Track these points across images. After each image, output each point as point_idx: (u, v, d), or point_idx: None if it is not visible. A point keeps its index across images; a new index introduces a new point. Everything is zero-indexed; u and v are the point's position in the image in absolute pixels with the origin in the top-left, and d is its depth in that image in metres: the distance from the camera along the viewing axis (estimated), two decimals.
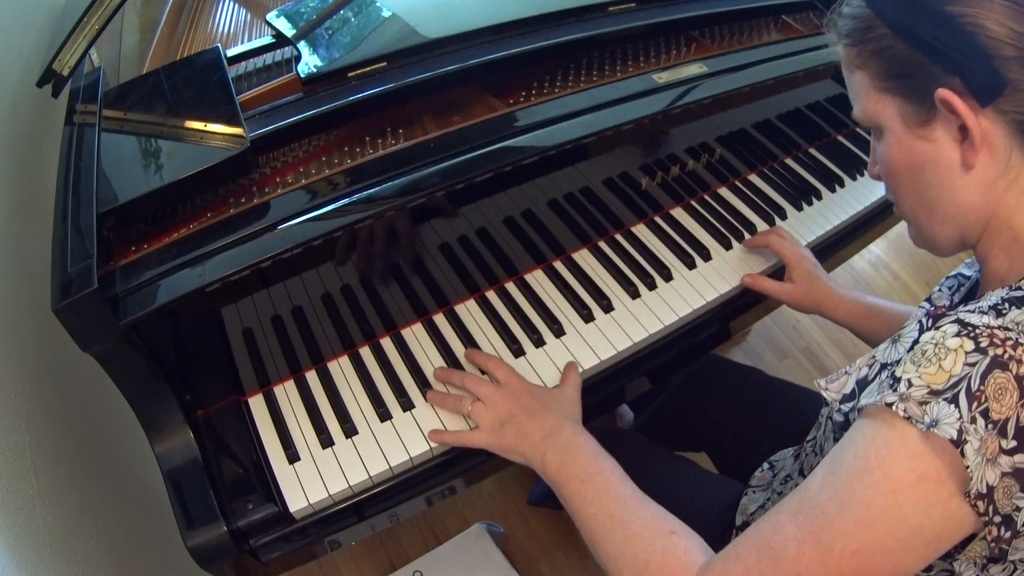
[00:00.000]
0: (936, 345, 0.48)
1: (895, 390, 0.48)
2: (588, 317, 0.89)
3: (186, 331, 0.73)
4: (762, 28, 1.11)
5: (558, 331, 0.87)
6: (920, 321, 0.57)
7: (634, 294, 0.92)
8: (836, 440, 0.61)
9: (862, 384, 0.55)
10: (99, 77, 0.89)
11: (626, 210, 0.99)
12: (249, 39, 0.99)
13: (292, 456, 0.75)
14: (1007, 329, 0.46)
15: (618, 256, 0.97)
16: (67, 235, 0.68)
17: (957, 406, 0.45)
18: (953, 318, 0.48)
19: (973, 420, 0.45)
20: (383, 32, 0.90)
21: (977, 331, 0.47)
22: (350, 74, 0.83)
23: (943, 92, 0.50)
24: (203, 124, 0.76)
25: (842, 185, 1.13)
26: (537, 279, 0.93)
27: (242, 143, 0.72)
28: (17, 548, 0.72)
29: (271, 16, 0.93)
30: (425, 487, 0.78)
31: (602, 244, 0.98)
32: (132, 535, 1.06)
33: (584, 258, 0.96)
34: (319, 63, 0.85)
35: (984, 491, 0.45)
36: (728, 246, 0.99)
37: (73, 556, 0.84)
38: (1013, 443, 0.44)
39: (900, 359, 0.51)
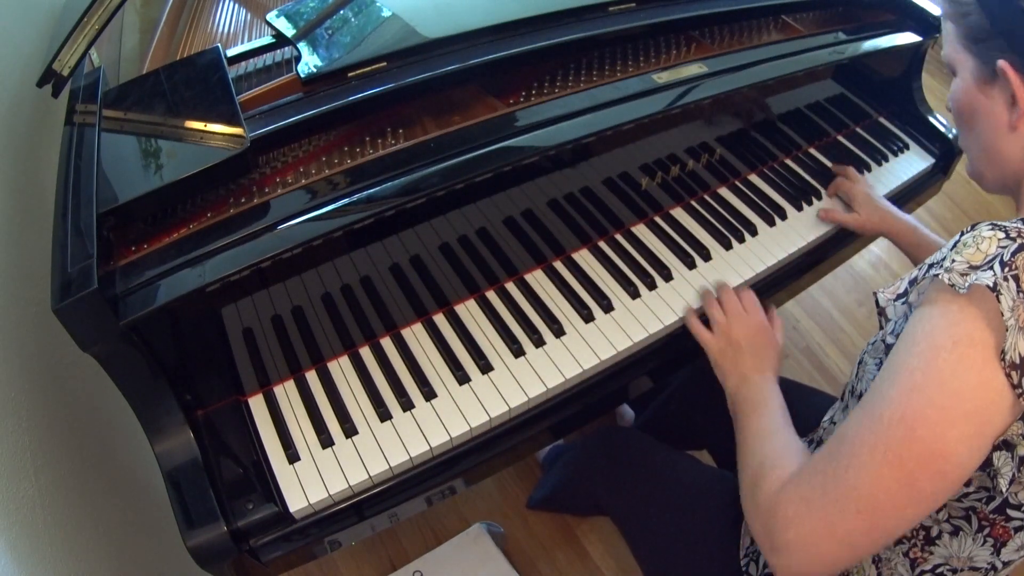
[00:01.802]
0: (974, 237, 0.56)
1: (942, 266, 0.55)
2: (588, 317, 0.89)
3: (186, 331, 0.73)
4: (762, 28, 1.11)
5: (558, 331, 0.87)
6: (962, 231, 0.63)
7: (634, 294, 0.92)
8: (877, 366, 0.68)
9: (913, 283, 0.61)
10: (99, 77, 0.89)
11: (626, 210, 0.99)
12: (249, 39, 0.99)
13: (292, 456, 0.75)
14: None
15: (618, 256, 0.97)
16: (67, 235, 0.68)
17: (992, 271, 0.52)
18: (989, 223, 0.56)
19: (1006, 279, 0.51)
20: (383, 32, 0.90)
21: (1007, 228, 0.55)
22: (350, 74, 0.83)
23: (1003, 63, 0.59)
24: (203, 124, 0.75)
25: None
26: (537, 279, 0.93)
27: (242, 143, 0.72)
28: (17, 548, 0.72)
29: (271, 16, 0.93)
30: (425, 487, 0.79)
31: (602, 244, 0.98)
32: (132, 535, 1.05)
33: (584, 258, 0.96)
34: (319, 63, 0.85)
35: (1018, 361, 0.50)
36: (728, 246, 0.99)
37: (73, 556, 0.84)
38: None
39: (944, 256, 0.58)
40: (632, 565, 0.97)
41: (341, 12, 0.94)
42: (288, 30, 0.91)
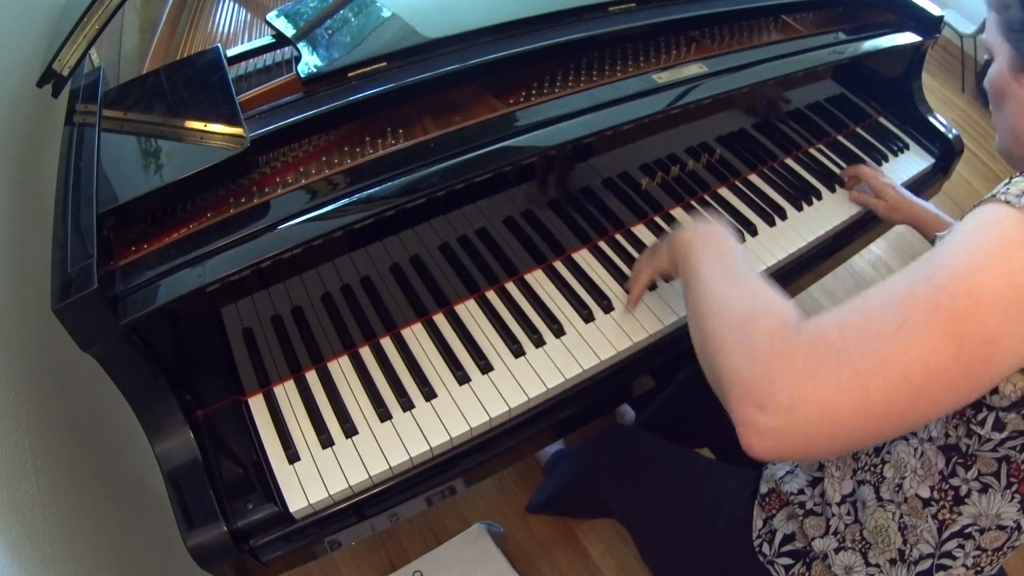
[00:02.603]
0: (1020, 178, 0.54)
1: (995, 192, 0.54)
2: (588, 317, 0.89)
3: (186, 331, 0.73)
4: (762, 28, 1.11)
5: (558, 331, 0.87)
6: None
7: None
8: None
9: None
10: (99, 77, 0.89)
11: (626, 210, 0.99)
12: (249, 39, 0.99)
13: (292, 456, 0.75)
14: None
15: (618, 256, 0.97)
16: (67, 235, 0.68)
17: None
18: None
19: None
20: (383, 32, 0.90)
21: None
22: (350, 74, 0.83)
23: None
24: (203, 124, 0.75)
25: (842, 185, 1.13)
26: (537, 279, 0.93)
27: (242, 143, 0.72)
28: (17, 548, 0.72)
29: (271, 16, 0.93)
30: (425, 487, 0.79)
31: (602, 244, 0.98)
32: (132, 535, 1.05)
33: (584, 258, 0.96)
34: (319, 63, 0.85)
35: None
36: None
37: (73, 556, 0.84)
38: None
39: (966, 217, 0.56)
40: (632, 565, 0.97)
41: (341, 12, 0.94)
42: (288, 30, 0.91)
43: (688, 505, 0.90)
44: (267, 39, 0.93)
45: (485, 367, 0.83)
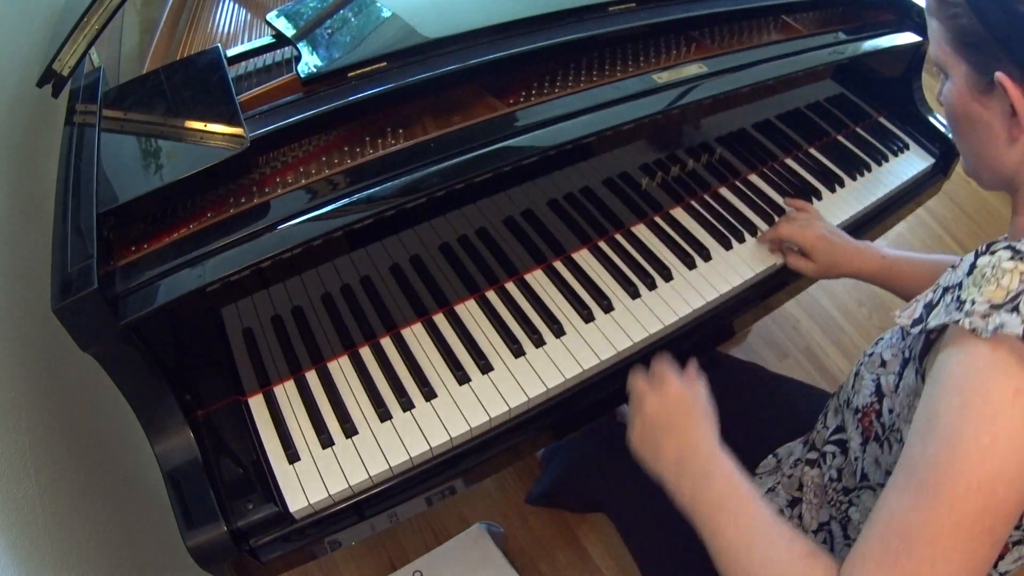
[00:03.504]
0: (993, 268, 0.52)
1: (960, 309, 0.52)
2: (588, 317, 0.89)
3: (186, 331, 0.73)
4: (762, 28, 1.11)
5: (558, 331, 0.87)
6: (975, 251, 0.59)
7: (634, 294, 0.92)
8: (875, 384, 0.68)
9: (929, 307, 0.58)
10: (99, 77, 0.89)
11: (626, 210, 0.99)
12: (249, 39, 0.99)
13: (292, 456, 0.75)
14: None
15: (618, 256, 0.97)
16: (67, 235, 0.68)
17: (1018, 313, 0.49)
18: (1005, 245, 0.53)
19: None
20: (383, 32, 0.90)
21: None
22: (350, 74, 0.83)
23: (1001, 76, 0.55)
24: (203, 124, 0.76)
25: (842, 185, 1.13)
26: (537, 279, 0.93)
27: (242, 143, 0.72)
28: (17, 548, 0.72)
29: (271, 16, 0.93)
30: (425, 487, 0.78)
31: (602, 244, 0.98)
32: (132, 535, 1.05)
33: (584, 258, 0.96)
34: (319, 63, 0.85)
35: None
36: (728, 246, 0.99)
37: (73, 556, 0.84)
38: None
39: (961, 282, 0.55)
40: (632, 565, 0.97)
41: (341, 12, 0.94)
42: (288, 30, 0.91)
43: (675, 511, 0.90)
44: (267, 39, 0.93)
45: (485, 367, 0.83)
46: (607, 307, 0.90)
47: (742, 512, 0.61)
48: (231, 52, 0.90)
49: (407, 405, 0.80)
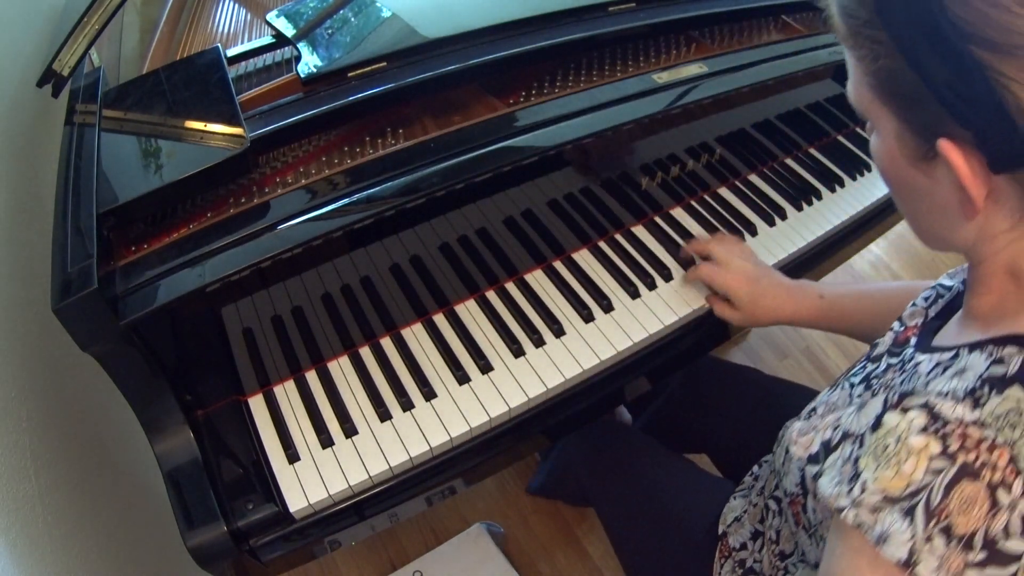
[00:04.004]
0: (899, 440, 0.42)
1: (850, 491, 0.44)
2: (588, 317, 0.89)
3: (186, 331, 0.73)
4: (762, 28, 1.11)
5: (558, 331, 0.87)
6: (884, 398, 0.48)
7: (634, 294, 0.92)
8: (800, 474, 0.61)
9: (827, 447, 0.51)
10: (99, 77, 0.89)
11: (626, 210, 0.99)
12: (249, 39, 0.99)
13: (292, 456, 0.75)
14: (983, 426, 0.40)
15: (618, 256, 0.97)
16: (67, 235, 0.68)
17: (912, 522, 0.40)
18: (922, 401, 0.42)
19: (929, 539, 0.39)
20: (383, 32, 0.90)
21: (947, 429, 0.40)
22: (350, 74, 0.83)
23: (946, 145, 0.42)
24: (203, 124, 0.76)
25: (842, 185, 1.13)
26: (537, 279, 0.93)
27: (242, 143, 0.72)
28: (17, 548, 0.72)
29: (271, 16, 0.93)
30: (425, 487, 0.79)
31: (602, 244, 0.98)
32: (132, 535, 1.05)
33: (584, 258, 0.96)
34: (319, 63, 0.85)
35: None
36: None
37: (73, 556, 0.84)
38: (982, 555, 0.39)
39: (863, 433, 0.46)
40: None
41: (341, 12, 0.94)
42: (288, 30, 0.91)
43: (659, 506, 0.90)
44: (267, 39, 0.93)
45: (485, 367, 0.83)
46: (607, 307, 0.90)
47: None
48: (231, 52, 0.90)
49: (407, 405, 0.80)
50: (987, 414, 0.40)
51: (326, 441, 0.77)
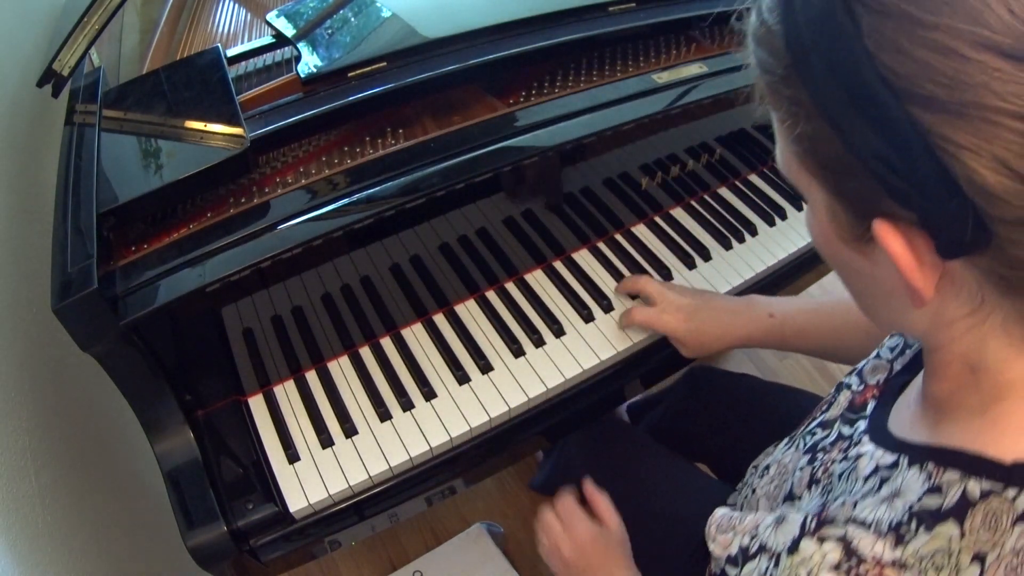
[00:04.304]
0: (809, 574, 0.39)
1: None
2: (588, 317, 0.89)
3: (186, 331, 0.73)
4: None
5: (558, 331, 0.87)
6: (803, 520, 0.43)
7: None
8: None
9: (744, 554, 0.47)
10: (99, 77, 0.89)
11: (626, 210, 0.99)
12: (249, 39, 0.99)
13: (292, 456, 0.75)
14: (903, 567, 0.36)
15: (618, 256, 0.97)
16: (67, 235, 0.68)
17: None
18: (840, 533, 0.39)
19: None
20: (383, 32, 0.90)
21: (861, 569, 0.37)
22: (350, 74, 0.83)
23: (882, 227, 0.34)
24: (203, 124, 0.76)
25: None
26: (537, 279, 0.93)
27: (242, 143, 0.72)
28: (17, 548, 0.72)
29: (271, 16, 0.93)
30: (425, 487, 0.79)
31: (602, 244, 0.98)
32: (132, 535, 1.05)
33: (584, 258, 0.96)
34: (319, 63, 0.85)
35: None
36: (728, 246, 0.99)
37: (73, 556, 0.84)
38: None
39: (780, 552, 0.42)
40: None
41: (341, 12, 0.94)
42: (288, 30, 0.91)
43: (656, 508, 0.89)
44: (267, 39, 0.93)
45: (485, 367, 0.83)
46: (607, 307, 0.90)
47: None
48: (231, 52, 0.90)
49: (407, 405, 0.80)
50: (909, 554, 0.36)
51: (326, 441, 0.77)
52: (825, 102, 0.33)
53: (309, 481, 0.74)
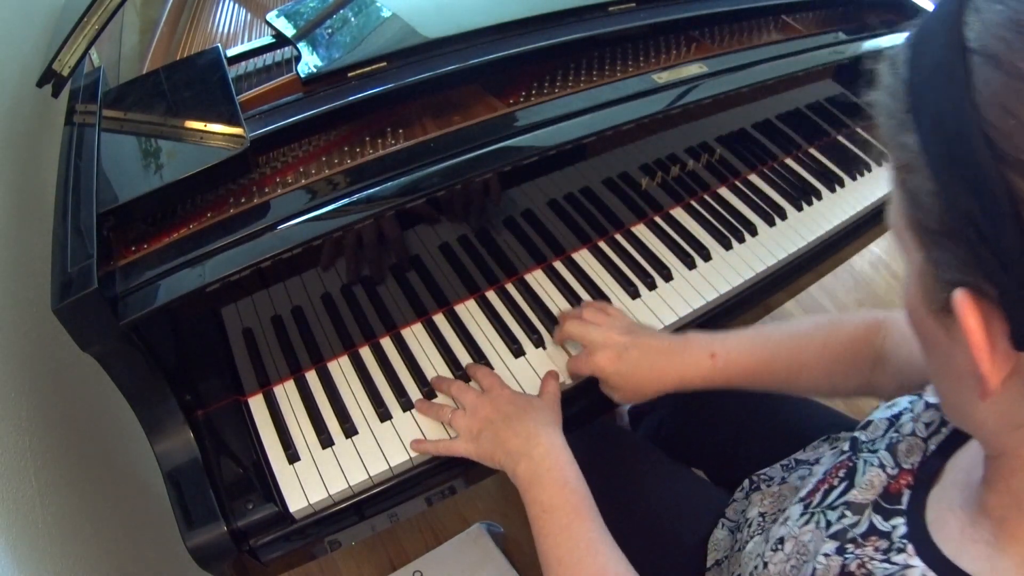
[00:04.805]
0: None
1: None
2: None
3: (186, 331, 0.73)
4: (762, 28, 1.11)
5: None
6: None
7: (634, 294, 0.92)
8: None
9: None
10: (99, 77, 0.89)
11: (626, 210, 0.99)
12: (249, 39, 0.99)
13: (292, 456, 0.75)
14: None
15: (618, 256, 0.97)
16: (67, 235, 0.68)
17: None
18: None
19: None
20: (383, 32, 0.90)
21: None
22: (350, 74, 0.83)
23: (962, 298, 0.32)
24: (203, 124, 0.75)
25: (842, 185, 1.13)
26: (537, 279, 0.93)
27: (242, 143, 0.72)
28: (17, 548, 0.72)
29: (271, 16, 0.93)
30: (425, 487, 0.78)
31: (602, 244, 0.98)
32: (132, 535, 1.05)
33: (584, 258, 0.96)
34: (319, 63, 0.85)
35: None
36: (728, 246, 0.99)
37: (73, 556, 0.84)
38: None
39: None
40: None
41: (341, 12, 0.94)
42: (288, 30, 0.91)
43: (653, 513, 0.88)
44: (267, 39, 0.93)
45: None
46: None
47: (564, 525, 0.61)
48: (231, 52, 0.90)
49: (407, 405, 0.80)
50: None
51: (326, 441, 0.77)
52: (930, 151, 0.32)
53: (309, 481, 0.74)
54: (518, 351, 0.85)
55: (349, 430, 0.78)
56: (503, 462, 0.68)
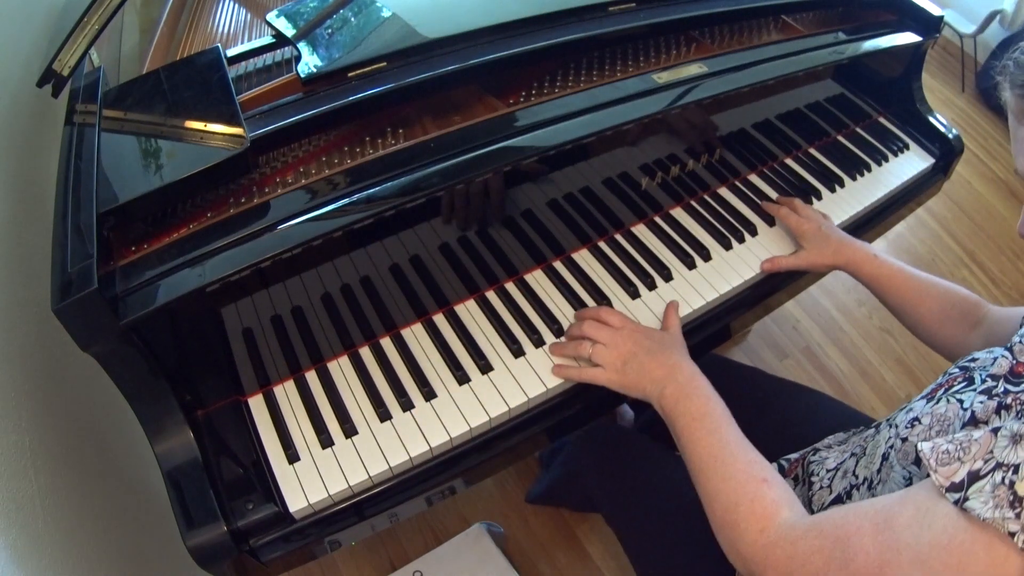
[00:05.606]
0: None
1: (1018, 515, 0.46)
2: None
3: (186, 331, 0.73)
4: (762, 28, 1.11)
5: (558, 331, 0.87)
6: None
7: (634, 294, 0.92)
8: (906, 482, 0.63)
9: (972, 477, 0.51)
10: (99, 77, 0.89)
11: (626, 210, 0.99)
12: (249, 39, 0.99)
13: (292, 456, 0.75)
14: None
15: (618, 256, 0.97)
16: (67, 235, 0.68)
17: None
18: None
19: None
20: (383, 32, 0.90)
21: None
22: (350, 74, 0.83)
23: None
24: (203, 124, 0.75)
25: (842, 185, 1.13)
26: (537, 279, 0.93)
27: (242, 143, 0.72)
28: (17, 548, 0.72)
29: (271, 16, 0.93)
30: (425, 487, 0.79)
31: (602, 244, 0.98)
32: (132, 535, 1.05)
33: (584, 258, 0.96)
34: (319, 63, 0.84)
35: None
36: (728, 246, 0.99)
37: (73, 556, 0.84)
38: None
39: (1019, 464, 0.48)
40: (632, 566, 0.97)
41: (341, 12, 0.94)
42: (288, 30, 0.91)
43: (671, 515, 0.89)
44: (267, 39, 0.93)
45: (485, 367, 0.83)
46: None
47: (715, 427, 0.69)
48: (231, 52, 0.90)
49: (407, 405, 0.80)
50: None
51: (326, 441, 0.77)
52: None
53: (309, 481, 0.74)
54: (518, 351, 0.85)
55: (349, 430, 0.78)
56: (648, 389, 0.77)
